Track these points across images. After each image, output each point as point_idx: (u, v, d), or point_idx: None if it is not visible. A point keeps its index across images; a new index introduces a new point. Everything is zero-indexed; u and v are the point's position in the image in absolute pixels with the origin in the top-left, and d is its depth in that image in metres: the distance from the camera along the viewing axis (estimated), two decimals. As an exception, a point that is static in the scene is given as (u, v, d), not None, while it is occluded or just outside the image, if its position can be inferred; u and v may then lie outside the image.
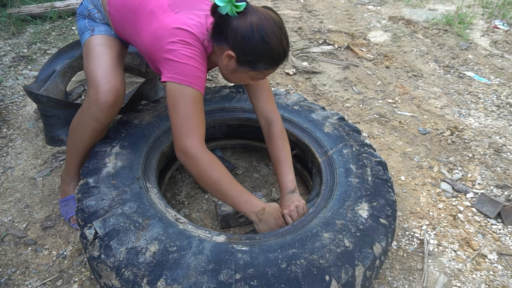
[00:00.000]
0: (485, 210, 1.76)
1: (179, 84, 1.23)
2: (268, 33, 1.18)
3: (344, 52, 3.14)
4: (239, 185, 1.29)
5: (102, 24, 1.51)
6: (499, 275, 1.50)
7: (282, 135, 1.51)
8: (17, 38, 2.95)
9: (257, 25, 1.17)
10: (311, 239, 1.16)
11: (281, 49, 1.23)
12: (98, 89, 1.35)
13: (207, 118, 1.71)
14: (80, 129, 1.43)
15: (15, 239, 1.52)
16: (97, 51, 1.43)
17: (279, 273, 1.05)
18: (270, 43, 1.19)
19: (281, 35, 1.21)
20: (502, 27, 3.70)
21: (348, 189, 1.37)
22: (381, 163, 1.50)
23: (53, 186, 1.75)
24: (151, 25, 1.31)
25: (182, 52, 1.23)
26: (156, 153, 1.48)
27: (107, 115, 1.38)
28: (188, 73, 1.23)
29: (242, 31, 1.18)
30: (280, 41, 1.21)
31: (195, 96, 1.24)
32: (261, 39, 1.18)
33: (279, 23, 1.22)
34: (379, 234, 1.21)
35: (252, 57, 1.22)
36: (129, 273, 1.03)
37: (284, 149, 1.49)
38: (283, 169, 1.46)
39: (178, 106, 1.23)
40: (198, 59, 1.25)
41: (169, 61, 1.24)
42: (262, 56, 1.22)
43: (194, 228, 1.18)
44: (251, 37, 1.18)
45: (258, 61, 1.23)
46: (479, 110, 2.55)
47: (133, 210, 1.19)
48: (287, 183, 1.44)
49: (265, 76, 1.34)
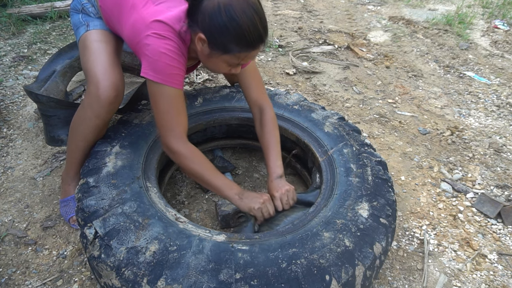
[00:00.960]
0: (485, 210, 1.76)
1: (155, 82, 1.25)
2: (236, 12, 1.13)
3: (344, 52, 3.14)
4: (219, 174, 1.35)
5: (96, 19, 1.50)
6: (499, 275, 1.50)
7: (273, 122, 1.52)
8: (17, 38, 2.95)
9: (224, 4, 1.13)
10: (311, 238, 1.16)
11: (253, 29, 1.16)
12: (99, 86, 1.36)
13: (207, 118, 1.71)
14: (81, 126, 1.43)
15: (15, 239, 1.52)
16: (94, 48, 1.43)
17: (279, 273, 1.05)
18: (239, 22, 1.14)
19: (253, 14, 1.15)
20: (502, 27, 3.70)
21: (349, 188, 1.37)
22: (381, 162, 1.50)
23: (53, 186, 1.75)
24: (130, 18, 1.31)
25: (155, 47, 1.22)
26: (156, 153, 1.48)
27: (108, 110, 1.40)
28: (162, 70, 1.23)
29: (209, 11, 1.15)
30: (251, 20, 1.15)
31: (171, 94, 1.26)
32: (229, 18, 1.14)
33: (252, 3, 1.16)
34: (379, 234, 1.21)
35: (222, 38, 1.17)
36: (129, 273, 1.04)
37: (274, 135, 1.50)
38: (272, 154, 1.47)
39: (157, 104, 1.28)
40: (171, 55, 1.23)
41: (145, 56, 1.25)
42: (231, 37, 1.17)
43: (194, 227, 1.18)
44: (218, 16, 1.14)
45: (229, 43, 1.18)
46: (479, 110, 2.55)
47: (133, 210, 1.19)
48: (275, 168, 1.44)
49: (241, 61, 1.27)
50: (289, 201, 1.38)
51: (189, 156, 1.30)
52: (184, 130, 1.32)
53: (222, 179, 1.34)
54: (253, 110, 1.55)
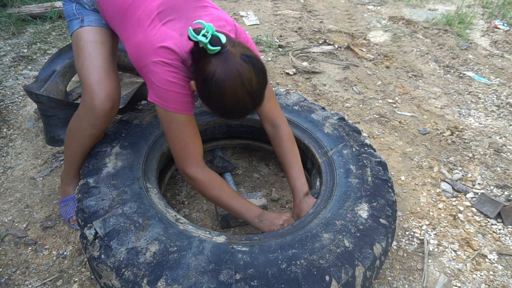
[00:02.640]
0: (485, 210, 1.76)
1: (165, 110, 1.22)
2: (225, 92, 1.07)
3: (344, 52, 3.14)
4: (238, 197, 1.35)
5: (91, 12, 1.43)
6: (499, 275, 1.50)
7: (290, 138, 1.48)
8: (17, 38, 2.95)
9: (217, 78, 1.06)
10: (311, 239, 1.16)
11: (238, 110, 1.14)
12: (94, 97, 1.34)
13: (207, 118, 1.71)
14: (77, 135, 1.42)
15: (15, 239, 1.52)
16: (89, 52, 1.38)
17: (279, 273, 1.05)
18: (225, 102, 1.10)
19: (244, 95, 1.09)
20: (502, 27, 3.70)
21: (348, 189, 1.37)
22: (381, 163, 1.50)
23: (53, 186, 1.75)
24: (135, 37, 1.24)
25: (163, 76, 1.18)
26: (156, 153, 1.48)
27: (104, 121, 1.38)
28: (171, 99, 1.21)
29: (204, 76, 1.09)
30: (239, 101, 1.10)
31: (183, 121, 1.25)
32: (217, 94, 1.09)
33: (247, 80, 1.07)
34: (379, 235, 1.21)
35: (207, 102, 1.16)
36: (129, 273, 1.04)
37: (293, 152, 1.46)
38: (294, 173, 1.44)
39: (170, 131, 1.27)
40: (180, 83, 1.20)
41: (152, 84, 1.21)
42: (216, 108, 1.16)
43: (194, 228, 1.18)
44: (209, 84, 1.09)
45: (212, 109, 1.17)
46: (479, 110, 2.55)
47: (133, 210, 1.19)
48: (301, 186, 1.42)
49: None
50: None
51: (207, 182, 1.30)
52: (200, 154, 1.31)
53: (241, 203, 1.33)
54: (265, 124, 1.49)
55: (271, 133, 1.49)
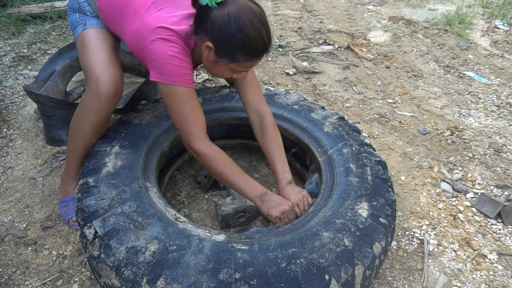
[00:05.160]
0: (485, 210, 1.76)
1: (166, 84, 1.27)
2: (245, 24, 1.17)
3: (344, 52, 3.14)
4: (242, 173, 1.35)
5: (93, 17, 1.52)
6: (499, 275, 1.50)
7: (274, 127, 1.51)
8: (17, 38, 2.95)
9: (234, 15, 1.16)
10: (311, 238, 1.16)
11: (260, 40, 1.20)
12: (99, 82, 1.37)
13: (207, 118, 1.70)
14: (82, 123, 1.43)
15: (15, 239, 1.52)
16: (92, 46, 1.44)
17: (278, 272, 1.05)
18: (248, 34, 1.17)
19: (260, 26, 1.19)
20: (502, 27, 3.70)
21: (348, 188, 1.37)
22: (380, 162, 1.50)
23: (53, 186, 1.75)
24: (133, 24, 1.32)
25: (162, 51, 1.24)
26: (156, 153, 1.48)
27: (109, 106, 1.41)
28: (171, 72, 1.25)
29: (219, 21, 1.17)
30: (258, 32, 1.19)
31: (184, 93, 1.28)
32: (238, 29, 1.17)
33: (259, 14, 1.20)
34: (378, 234, 1.21)
35: (230, 48, 1.21)
36: (129, 273, 1.04)
37: (277, 141, 1.49)
38: (278, 161, 1.45)
39: (172, 107, 1.31)
40: (179, 56, 1.26)
41: (153, 61, 1.26)
42: (240, 47, 1.20)
43: (194, 227, 1.18)
44: (228, 27, 1.17)
45: (236, 52, 1.22)
46: (479, 110, 2.55)
47: (132, 210, 1.19)
48: (284, 174, 1.43)
49: (246, 69, 1.31)
50: (305, 207, 1.35)
51: (211, 156, 1.31)
52: (203, 128, 1.34)
53: (244, 180, 1.34)
54: (250, 114, 1.54)
55: (255, 122, 1.52)
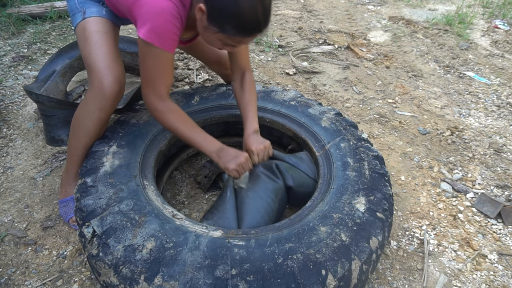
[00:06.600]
0: (485, 210, 1.75)
1: (146, 42, 1.25)
2: None
3: (344, 52, 3.14)
4: (199, 130, 1.38)
5: (92, 4, 1.49)
6: (499, 275, 1.49)
7: (253, 83, 1.57)
8: (17, 38, 2.96)
9: None
10: (308, 233, 1.16)
11: (252, 16, 1.15)
12: (103, 80, 1.38)
13: (204, 116, 1.71)
14: (84, 121, 1.44)
15: (15, 239, 1.52)
16: (95, 40, 1.43)
17: (275, 268, 1.05)
18: (240, 6, 1.12)
19: (257, 3, 1.14)
20: (503, 27, 3.70)
21: (345, 182, 1.36)
22: (378, 157, 1.50)
23: (53, 186, 1.75)
24: None
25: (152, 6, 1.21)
26: (154, 152, 1.48)
27: (112, 103, 1.42)
28: (156, 31, 1.23)
29: None
30: (253, 7, 1.14)
31: (160, 56, 1.28)
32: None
33: None
34: (375, 228, 1.21)
35: (221, 16, 1.16)
36: (126, 270, 1.04)
37: (253, 94, 1.54)
38: (250, 111, 1.50)
39: (144, 62, 1.30)
40: (168, 17, 1.22)
41: (141, 14, 1.24)
42: (230, 17, 1.16)
43: (191, 223, 1.18)
44: None
45: (226, 22, 1.17)
46: (479, 110, 2.54)
47: (129, 208, 1.19)
48: (253, 123, 1.48)
49: (237, 44, 1.27)
50: (265, 157, 1.41)
51: (169, 113, 1.33)
52: (167, 89, 1.35)
53: (201, 135, 1.37)
54: (235, 74, 1.59)
55: (238, 80, 1.57)
